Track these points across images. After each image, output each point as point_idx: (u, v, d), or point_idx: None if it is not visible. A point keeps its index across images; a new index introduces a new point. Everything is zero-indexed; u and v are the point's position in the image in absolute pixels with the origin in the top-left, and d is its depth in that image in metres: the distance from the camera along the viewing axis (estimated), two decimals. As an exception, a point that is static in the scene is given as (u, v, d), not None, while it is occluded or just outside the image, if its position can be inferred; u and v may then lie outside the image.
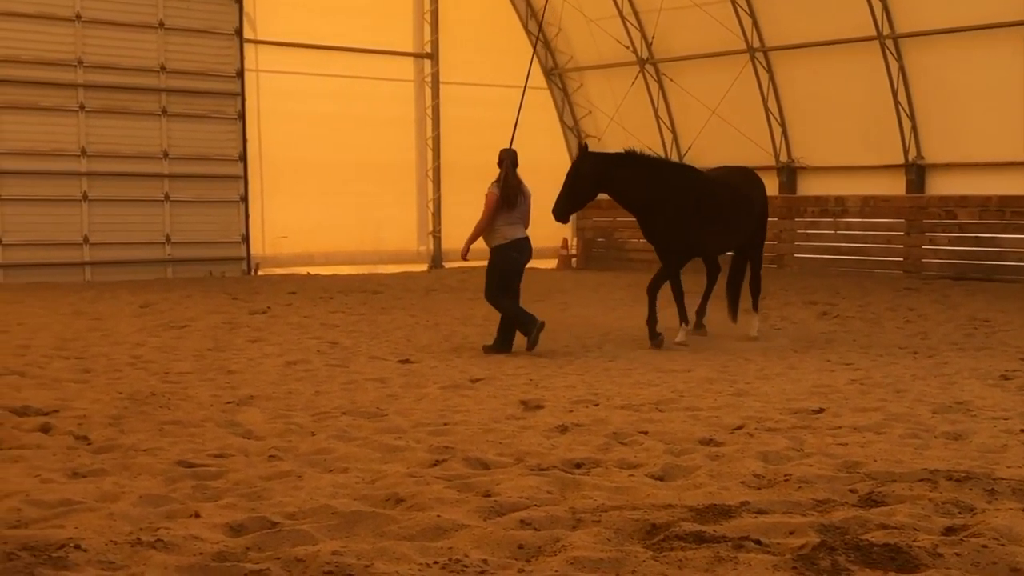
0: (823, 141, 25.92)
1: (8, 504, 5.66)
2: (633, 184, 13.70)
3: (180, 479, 6.38)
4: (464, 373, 11.04)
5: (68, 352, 12.41)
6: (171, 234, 24.82)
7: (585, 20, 29.11)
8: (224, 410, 8.82)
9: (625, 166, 13.73)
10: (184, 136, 24.92)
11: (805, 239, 25.93)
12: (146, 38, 24.45)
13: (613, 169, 13.70)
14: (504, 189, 12.96)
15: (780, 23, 25.84)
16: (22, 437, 7.56)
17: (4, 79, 22.90)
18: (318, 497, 5.90)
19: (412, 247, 29.48)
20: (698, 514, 5.49)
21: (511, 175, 13.06)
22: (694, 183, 14.07)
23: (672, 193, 13.74)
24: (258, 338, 14.01)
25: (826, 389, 9.89)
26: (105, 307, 17.70)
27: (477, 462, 6.83)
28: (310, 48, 27.13)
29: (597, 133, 30.81)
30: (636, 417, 8.46)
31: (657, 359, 12.15)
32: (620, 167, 13.72)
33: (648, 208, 13.82)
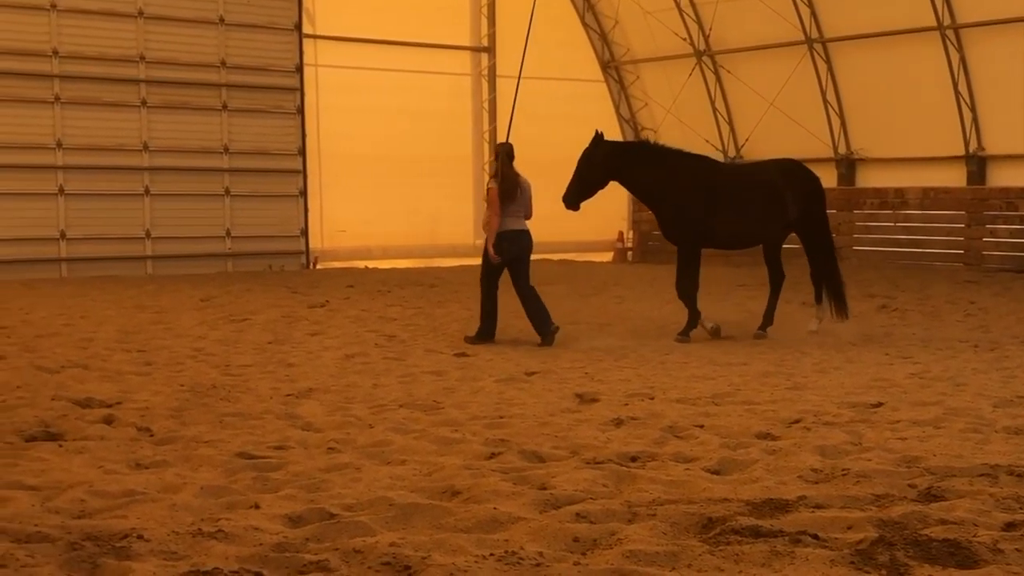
0: (882, 133, 25.64)
1: (72, 495, 5.75)
2: (644, 174, 13.84)
3: (240, 471, 6.45)
4: (519, 366, 11.07)
5: (130, 345, 12.56)
6: (231, 228, 25.05)
7: (642, 12, 29.00)
8: (284, 402, 8.90)
9: (636, 156, 13.93)
10: (244, 131, 25.13)
11: (864, 231, 25.70)
12: (207, 34, 24.68)
13: (625, 158, 13.87)
14: (502, 183, 13.20)
15: (839, 14, 25.59)
16: (86, 429, 7.67)
17: (68, 75, 23.21)
18: (376, 489, 5.95)
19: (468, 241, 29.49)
20: (755, 508, 5.48)
21: (507, 169, 13.30)
22: (704, 174, 14.05)
23: (679, 184, 13.82)
24: (317, 331, 14.11)
25: (885, 383, 9.81)
26: (167, 300, 17.90)
27: (533, 455, 6.85)
28: (368, 43, 27.23)
29: (653, 125, 30.70)
30: (692, 411, 8.44)
31: (713, 353, 12.12)
32: (631, 156, 13.93)
33: (657, 198, 13.98)
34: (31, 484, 6.03)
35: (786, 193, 14.04)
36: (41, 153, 23.00)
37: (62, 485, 5.99)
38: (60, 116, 23.14)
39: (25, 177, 22.84)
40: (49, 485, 6.01)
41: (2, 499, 5.68)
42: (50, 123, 23.06)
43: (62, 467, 6.47)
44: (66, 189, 23.23)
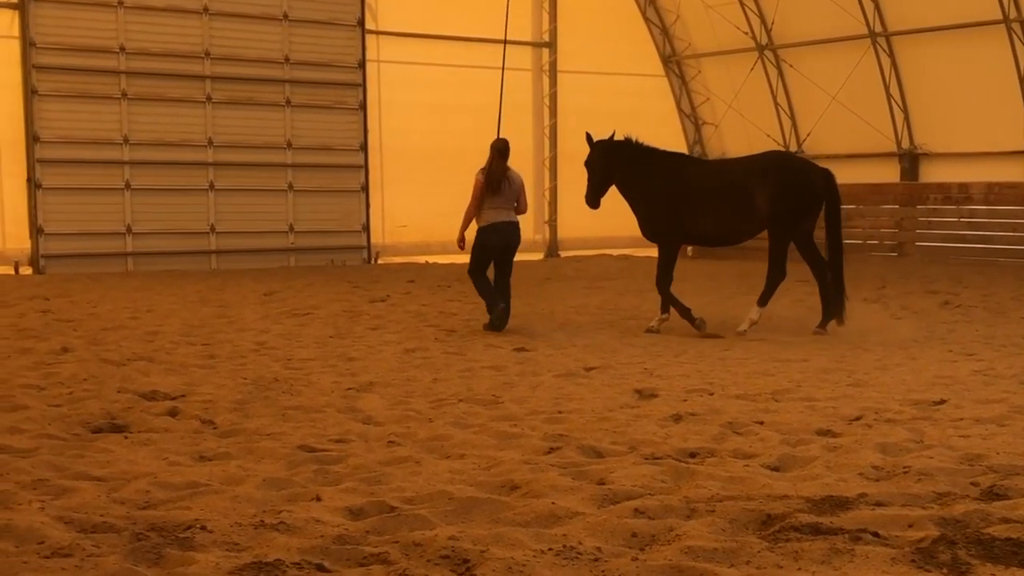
0: (946, 127, 25.31)
1: (137, 486, 5.85)
2: (625, 173, 14.13)
3: (302, 463, 6.51)
4: (579, 361, 11.07)
5: (195, 338, 12.71)
6: (294, 223, 25.27)
7: (704, 7, 28.84)
8: (345, 396, 8.97)
9: (620, 155, 14.14)
10: (307, 126, 25.33)
11: (927, 227, 25.40)
12: (271, 30, 24.90)
13: (610, 158, 14.13)
14: (488, 176, 13.85)
15: (902, 7, 25.29)
16: (151, 421, 7.79)
17: (134, 71, 23.51)
18: (435, 483, 5.99)
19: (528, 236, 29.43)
20: (814, 505, 5.46)
21: (496, 163, 13.91)
22: (676, 173, 14.16)
23: (653, 183, 14.07)
24: (378, 326, 14.20)
25: (948, 380, 9.71)
26: (230, 295, 18.08)
27: (591, 450, 6.87)
28: (430, 38, 27.31)
29: (715, 120, 30.56)
30: (752, 407, 8.41)
31: (774, 349, 12.05)
32: (615, 156, 14.14)
33: (635, 197, 14.25)
34: (97, 475, 6.13)
35: (756, 190, 13.80)
36: (108, 148, 23.33)
37: (127, 476, 6.09)
38: (127, 112, 23.45)
39: (92, 172, 23.19)
40: (115, 476, 6.11)
41: (69, 490, 5.79)
42: (117, 119, 23.38)
43: (127, 459, 6.57)
44: (132, 184, 23.54)
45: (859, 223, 26.42)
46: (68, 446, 6.92)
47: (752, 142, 29.43)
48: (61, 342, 12.03)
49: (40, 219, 22.70)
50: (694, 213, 14.01)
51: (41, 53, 22.60)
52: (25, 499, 5.55)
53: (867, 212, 26.34)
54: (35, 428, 7.38)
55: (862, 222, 26.40)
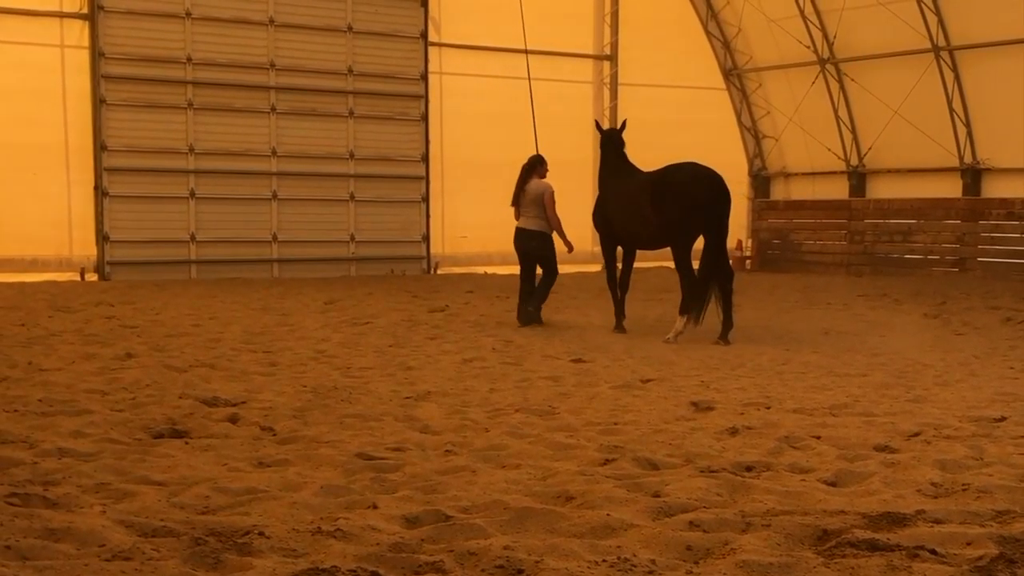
0: (1010, 142, 25.00)
1: (197, 491, 5.91)
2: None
3: (359, 471, 6.55)
4: (635, 373, 11.06)
5: (256, 346, 12.83)
6: (355, 233, 25.45)
7: (765, 20, 28.73)
8: (402, 405, 9.02)
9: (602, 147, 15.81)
10: (369, 137, 25.52)
11: (989, 242, 25.11)
12: (335, 41, 25.13)
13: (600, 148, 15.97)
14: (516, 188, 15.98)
15: (966, 21, 25.04)
16: (211, 427, 7.87)
17: (201, 81, 23.82)
18: (491, 492, 6.00)
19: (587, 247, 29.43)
20: (871, 521, 5.42)
21: (520, 177, 16.16)
22: (608, 181, 15.37)
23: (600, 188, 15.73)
24: (436, 335, 14.27)
25: (1009, 397, 9.59)
26: (291, 303, 18.23)
27: (647, 462, 6.86)
28: (492, 51, 27.41)
29: (775, 134, 30.41)
30: (809, 421, 8.36)
31: (832, 363, 11.97)
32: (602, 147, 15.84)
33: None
34: (158, 480, 6.20)
35: (644, 200, 14.35)
36: (173, 157, 23.65)
37: (187, 481, 6.15)
38: (192, 121, 23.76)
39: (158, 180, 23.51)
40: (175, 481, 6.18)
41: (130, 493, 5.86)
42: (183, 128, 23.70)
43: (188, 464, 6.64)
44: (196, 193, 23.83)
45: (920, 238, 26.20)
46: (130, 451, 7.01)
47: (812, 156, 29.32)
48: (125, 348, 12.20)
49: (106, 226, 23.04)
50: (614, 218, 15.16)
51: (109, 63, 22.96)
52: (87, 502, 5.63)
53: (928, 227, 26.10)
54: (98, 432, 7.48)
55: (923, 237, 26.16)
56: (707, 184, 14.13)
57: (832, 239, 28.20)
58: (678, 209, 14.09)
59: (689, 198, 14.06)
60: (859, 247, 27.36)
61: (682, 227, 14.17)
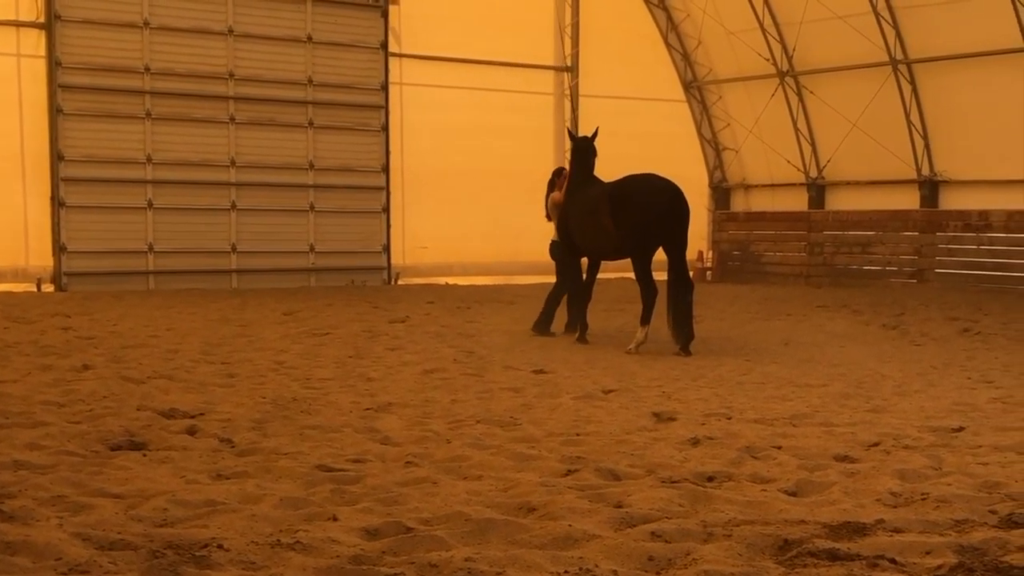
0: (966, 154, 25.26)
1: (155, 504, 5.85)
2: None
3: (319, 483, 6.51)
4: (597, 384, 11.07)
5: (214, 357, 12.75)
6: (315, 243, 25.36)
7: (725, 33, 28.91)
8: (363, 416, 8.98)
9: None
10: (329, 148, 25.46)
11: (947, 254, 25.33)
12: (295, 51, 25.06)
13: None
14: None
15: (924, 35, 25.28)
16: (169, 439, 7.80)
17: (159, 91, 23.68)
18: (452, 504, 5.99)
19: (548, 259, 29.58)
20: (832, 531, 5.44)
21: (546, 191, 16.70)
22: (568, 193, 15.43)
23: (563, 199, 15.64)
24: (397, 346, 14.23)
25: (966, 407, 9.67)
26: (251, 314, 18.14)
27: (609, 473, 6.86)
28: (452, 61, 27.44)
29: (735, 145, 30.58)
30: (770, 431, 8.39)
31: (792, 374, 12.03)
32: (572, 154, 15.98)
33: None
34: (115, 492, 6.15)
35: (602, 211, 14.42)
36: (131, 167, 23.48)
37: (145, 494, 6.10)
38: (150, 131, 23.61)
39: (116, 191, 23.35)
40: (132, 494, 6.13)
41: (87, 506, 5.81)
42: (141, 138, 23.55)
43: (146, 476, 6.59)
44: (155, 203, 23.68)
45: (878, 250, 26.41)
46: (87, 463, 6.94)
47: (772, 168, 29.53)
48: (82, 359, 12.08)
49: (63, 237, 22.85)
50: (574, 229, 15.26)
51: (66, 72, 22.79)
52: (43, 515, 5.57)
53: (886, 239, 26.31)
54: (54, 445, 7.40)
55: (882, 249, 26.37)
56: (666, 196, 14.16)
57: (792, 250, 28.38)
58: (637, 220, 14.12)
59: (648, 209, 14.10)
60: (818, 258, 27.55)
61: (641, 238, 14.21)
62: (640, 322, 14.32)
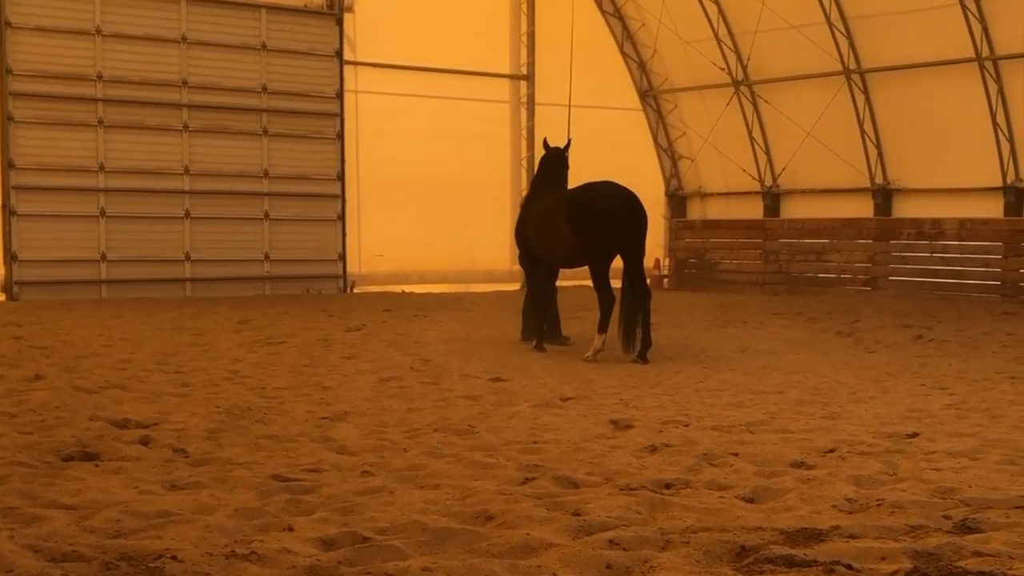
0: (919, 163, 25.51)
1: (108, 515, 5.79)
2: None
3: (274, 493, 6.47)
4: (554, 392, 11.07)
5: (168, 366, 12.65)
6: (270, 252, 25.23)
7: (680, 42, 29.06)
8: (319, 425, 8.93)
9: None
10: (284, 155, 25.35)
11: (900, 261, 25.54)
12: (249, 59, 24.93)
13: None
14: None
15: (877, 45, 25.52)
16: (122, 449, 7.72)
17: (112, 99, 23.49)
18: (409, 513, 5.96)
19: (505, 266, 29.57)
20: (788, 537, 5.45)
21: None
22: (531, 200, 15.59)
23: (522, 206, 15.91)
24: (353, 355, 14.17)
25: (920, 413, 9.75)
26: (205, 323, 18.02)
27: (566, 481, 6.85)
28: (408, 70, 27.42)
29: (691, 154, 30.72)
30: (727, 438, 8.41)
31: (749, 381, 12.07)
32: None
33: None
34: (67, 503, 6.08)
35: (560, 218, 14.51)
36: (83, 175, 23.27)
37: (98, 505, 6.03)
38: (103, 139, 23.41)
39: (67, 199, 23.13)
40: (85, 505, 6.06)
41: (39, 518, 5.73)
42: (93, 146, 23.34)
43: (98, 487, 6.52)
44: (107, 212, 23.47)
45: (833, 258, 26.59)
46: (39, 474, 6.86)
47: (728, 176, 29.69)
48: (33, 369, 11.94)
49: (14, 245, 22.61)
50: (532, 236, 15.28)
51: (18, 80, 22.58)
52: (-6, 527, 5.50)
53: (841, 247, 26.49)
54: (6, 455, 7.31)
55: (836, 256, 26.55)
56: (624, 203, 14.20)
57: (748, 258, 28.53)
58: (594, 228, 14.15)
59: (606, 217, 14.12)
60: (774, 266, 27.71)
61: (599, 246, 14.23)
62: (597, 330, 14.35)
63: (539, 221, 15.06)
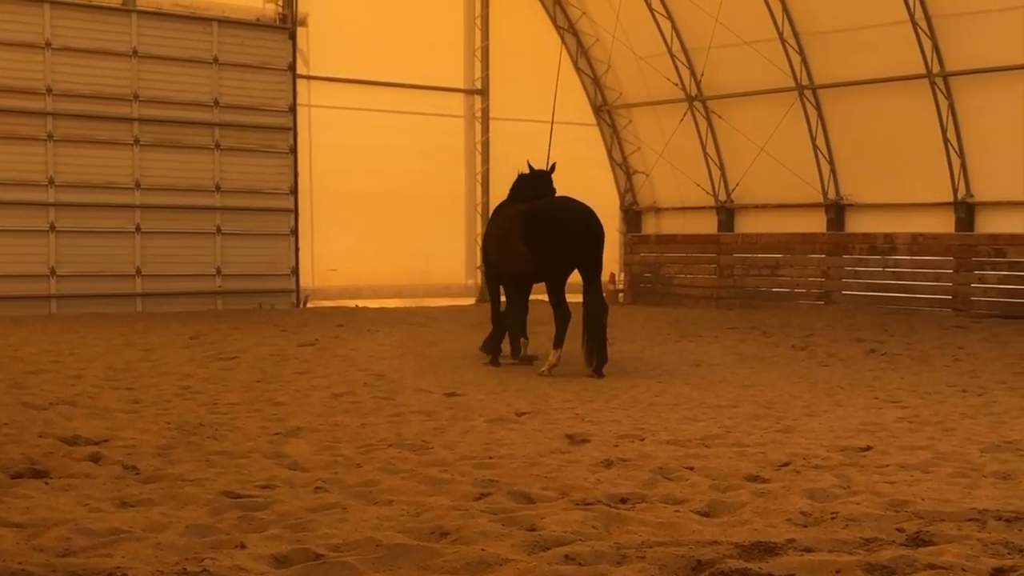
0: (872, 178, 25.76)
1: (57, 533, 5.72)
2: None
3: (226, 510, 6.41)
4: (510, 407, 11.04)
5: (119, 382, 12.53)
6: (222, 266, 25.06)
7: (635, 58, 29.18)
8: (271, 441, 8.87)
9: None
10: (236, 170, 25.20)
11: (853, 276, 25.73)
12: (201, 73, 24.79)
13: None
14: None
15: (829, 61, 25.75)
16: (72, 466, 7.63)
17: (61, 113, 23.28)
18: (363, 529, 5.91)
19: (460, 281, 29.58)
20: (744, 551, 5.45)
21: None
22: (493, 216, 15.79)
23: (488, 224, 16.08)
24: (306, 370, 14.08)
25: (874, 427, 9.81)
26: (156, 338, 17.86)
27: (522, 496, 6.82)
28: (362, 84, 27.37)
29: (645, 169, 30.84)
30: (682, 453, 8.42)
31: (704, 395, 12.10)
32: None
33: None
34: (16, 522, 5.99)
35: (515, 235, 14.63)
36: (33, 190, 23.03)
37: (47, 523, 5.95)
38: (52, 153, 23.19)
39: (16, 214, 22.88)
40: (34, 523, 5.98)
41: (-14, 536, 5.65)
42: (42, 160, 23.11)
43: (48, 505, 6.43)
44: (57, 226, 23.24)
45: (787, 272, 26.74)
46: (-14, 492, 6.76)
47: (682, 191, 29.82)
48: (-19, 386, 11.79)
49: (-38, 261, 22.34)
50: (492, 252, 15.47)
51: (-35, 93, 22.34)
52: (-61, 546, 5.40)
53: (794, 261, 26.64)
54: (-48, 473, 7.20)
55: (790, 271, 26.71)
56: (580, 219, 14.22)
57: (702, 273, 28.63)
58: (551, 243, 14.15)
59: (562, 232, 14.13)
60: (728, 280, 27.83)
61: (554, 261, 14.23)
62: (553, 345, 14.35)
63: (498, 236, 15.15)
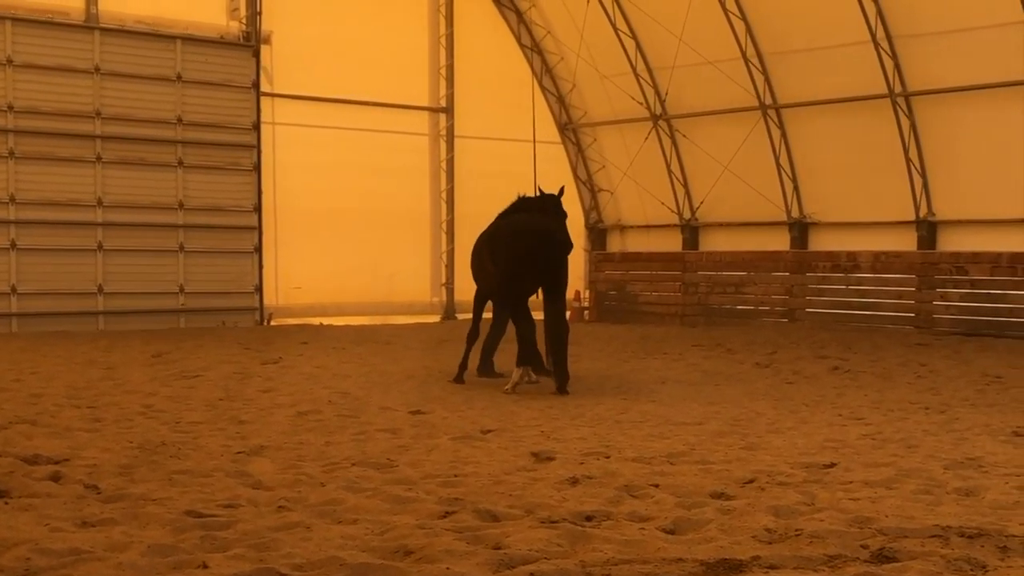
0: (834, 197, 25.93)
1: (17, 553, 5.65)
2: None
3: (189, 529, 6.36)
4: (475, 424, 11.02)
5: (80, 401, 12.42)
6: (185, 284, 24.91)
7: (599, 76, 29.28)
8: (234, 460, 8.80)
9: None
10: (199, 187, 25.08)
11: (817, 294, 25.87)
12: (163, 90, 24.66)
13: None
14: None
15: (792, 80, 25.94)
16: (32, 486, 7.55)
17: (23, 130, 23.12)
18: (327, 548, 5.88)
19: (425, 298, 29.53)
20: (709, 568, 5.46)
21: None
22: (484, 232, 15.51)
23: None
24: (270, 388, 14.01)
25: (837, 444, 9.84)
26: (118, 356, 17.73)
27: (487, 514, 6.80)
28: (326, 101, 27.33)
29: (610, 187, 30.92)
30: (647, 470, 8.42)
31: (669, 412, 12.12)
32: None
33: None
34: (-26, 542, 5.92)
35: (484, 252, 14.97)
36: (-6, 207, 22.85)
37: (7, 543, 5.88)
38: (14, 171, 23.00)
39: (-24, 231, 22.68)
40: (-7, 543, 5.91)
41: (-56, 557, 5.57)
42: (3, 178, 22.93)
43: (7, 524, 6.36)
44: (18, 244, 23.05)
45: (751, 290, 26.86)
46: (-57, 512, 6.68)
47: (647, 209, 29.93)
48: (-61, 405, 11.66)
49: (-79, 278, 22.11)
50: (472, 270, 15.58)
51: (-74, 109, 22.15)
52: None
53: (759, 279, 26.76)
54: (-91, 493, 7.11)
55: (754, 289, 26.82)
56: (531, 237, 14.30)
57: (667, 290, 28.70)
58: (505, 261, 14.38)
59: (513, 250, 14.30)
60: (693, 298, 27.91)
61: (513, 280, 14.34)
62: (517, 362, 14.35)
63: (474, 254, 15.50)
